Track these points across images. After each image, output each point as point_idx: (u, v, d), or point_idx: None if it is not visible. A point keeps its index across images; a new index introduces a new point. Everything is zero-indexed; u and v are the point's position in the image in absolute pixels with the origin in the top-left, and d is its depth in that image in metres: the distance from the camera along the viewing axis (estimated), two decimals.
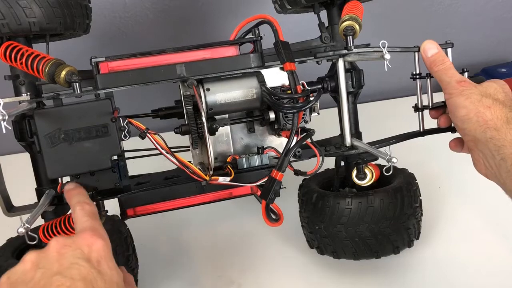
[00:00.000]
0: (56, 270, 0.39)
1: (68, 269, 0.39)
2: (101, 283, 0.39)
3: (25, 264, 0.41)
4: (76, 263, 0.40)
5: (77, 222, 0.47)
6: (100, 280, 0.40)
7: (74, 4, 0.60)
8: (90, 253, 0.42)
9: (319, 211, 0.66)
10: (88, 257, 0.41)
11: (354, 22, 0.59)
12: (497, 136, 0.51)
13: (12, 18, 0.54)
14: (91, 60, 0.56)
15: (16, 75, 0.59)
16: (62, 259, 0.40)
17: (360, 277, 0.67)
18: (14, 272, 0.41)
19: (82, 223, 0.46)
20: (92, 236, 0.43)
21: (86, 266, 0.40)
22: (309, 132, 0.59)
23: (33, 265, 0.40)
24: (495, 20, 1.24)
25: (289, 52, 0.57)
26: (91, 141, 0.55)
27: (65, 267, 0.39)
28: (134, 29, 1.13)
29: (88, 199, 0.52)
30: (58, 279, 0.38)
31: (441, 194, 0.83)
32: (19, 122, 0.58)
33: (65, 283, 0.38)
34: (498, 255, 0.69)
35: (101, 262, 0.41)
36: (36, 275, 0.39)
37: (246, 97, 0.57)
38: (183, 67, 0.57)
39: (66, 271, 0.39)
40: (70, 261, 0.40)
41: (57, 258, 0.40)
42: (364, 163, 0.66)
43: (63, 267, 0.39)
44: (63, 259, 0.40)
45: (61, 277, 0.38)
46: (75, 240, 0.42)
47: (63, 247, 0.41)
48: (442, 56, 0.59)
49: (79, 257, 0.41)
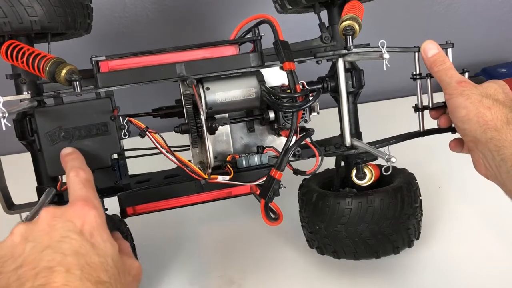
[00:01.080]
0: (46, 244, 0.37)
1: (59, 243, 0.37)
2: (95, 257, 0.37)
3: (14, 237, 0.38)
4: (67, 236, 0.38)
5: (70, 190, 0.44)
6: (93, 254, 0.37)
7: (76, 4, 0.60)
8: (82, 225, 0.39)
9: (319, 211, 0.66)
10: (80, 229, 0.39)
11: (354, 22, 0.59)
12: (497, 137, 0.51)
13: (13, 16, 0.55)
14: (92, 59, 0.56)
15: (18, 74, 0.60)
16: (52, 231, 0.38)
17: (360, 277, 0.67)
18: (2, 246, 0.38)
19: (75, 191, 0.43)
20: (84, 206, 0.41)
21: (78, 239, 0.38)
22: (309, 131, 0.59)
23: (22, 238, 0.38)
24: (495, 20, 1.24)
25: (289, 51, 0.57)
26: (91, 140, 0.55)
27: (56, 240, 0.37)
28: (134, 29, 1.14)
29: (85, 165, 0.48)
30: (49, 253, 0.36)
31: (441, 194, 0.83)
32: (20, 121, 0.58)
33: (55, 258, 0.36)
34: (498, 255, 0.69)
35: (94, 234, 0.39)
36: (25, 249, 0.37)
37: (246, 97, 0.57)
38: (183, 66, 0.57)
39: (57, 245, 0.37)
40: (61, 234, 0.38)
41: (47, 231, 0.38)
42: (363, 163, 0.66)
43: (53, 241, 0.37)
44: (54, 232, 0.38)
45: (52, 252, 0.36)
46: (66, 211, 0.40)
47: (53, 218, 0.39)
48: (442, 56, 0.59)
49: (70, 230, 0.38)
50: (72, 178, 0.45)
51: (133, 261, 0.42)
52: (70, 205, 0.42)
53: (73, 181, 0.45)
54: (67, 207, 0.41)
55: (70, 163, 0.49)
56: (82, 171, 0.46)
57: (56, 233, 0.38)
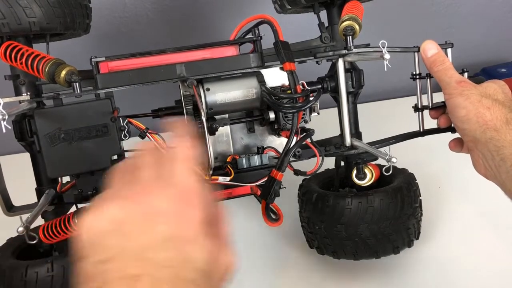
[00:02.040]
0: (141, 246, 0.31)
1: (152, 248, 0.32)
2: (187, 272, 0.32)
3: (104, 222, 0.32)
4: (167, 247, 0.32)
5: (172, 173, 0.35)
6: (185, 268, 0.32)
7: (74, 4, 0.60)
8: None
9: (319, 211, 0.66)
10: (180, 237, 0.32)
11: (354, 22, 0.59)
12: (497, 137, 0.51)
13: (12, 17, 0.54)
14: (91, 60, 0.56)
15: (16, 75, 0.59)
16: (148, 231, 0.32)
17: (360, 277, 0.67)
18: (92, 228, 0.32)
19: (182, 178, 0.35)
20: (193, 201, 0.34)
21: (171, 246, 0.32)
22: (309, 132, 0.59)
23: (115, 227, 0.32)
24: (495, 20, 1.24)
25: (289, 52, 0.57)
26: (91, 141, 0.55)
27: (152, 246, 0.32)
28: (134, 29, 1.13)
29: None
30: (135, 265, 0.31)
31: (441, 194, 0.83)
32: (19, 122, 0.58)
33: (145, 266, 0.31)
34: (498, 255, 0.69)
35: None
36: (115, 244, 0.32)
37: (246, 97, 0.57)
38: (183, 67, 0.57)
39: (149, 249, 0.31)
40: (161, 235, 0.32)
41: (145, 224, 0.32)
42: (363, 163, 0.66)
43: (150, 246, 0.32)
44: (150, 232, 0.32)
45: (139, 263, 0.31)
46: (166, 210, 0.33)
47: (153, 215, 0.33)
48: (442, 56, 0.59)
49: (170, 233, 0.32)
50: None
51: (225, 257, 0.36)
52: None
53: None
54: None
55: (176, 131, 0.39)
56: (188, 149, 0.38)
57: (154, 234, 0.32)
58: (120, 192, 0.35)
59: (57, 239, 0.59)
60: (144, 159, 0.37)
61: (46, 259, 0.57)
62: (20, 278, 0.55)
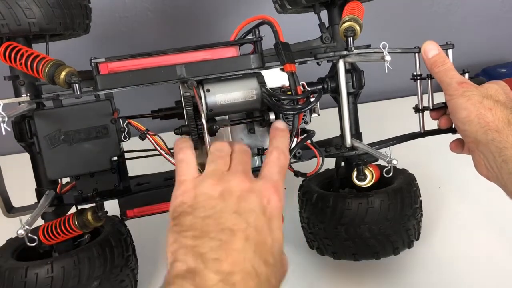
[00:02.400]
0: (235, 209, 0.40)
1: (246, 213, 0.40)
2: (269, 238, 0.40)
3: (213, 190, 0.41)
4: (254, 210, 0.40)
5: (266, 167, 0.45)
6: (268, 235, 0.40)
7: (74, 5, 0.60)
8: (266, 206, 0.41)
9: (319, 212, 0.66)
10: (264, 210, 0.41)
11: (354, 23, 0.59)
12: (499, 138, 0.51)
13: (11, 18, 0.54)
14: (91, 61, 0.56)
15: (16, 76, 0.59)
16: (243, 202, 0.41)
17: (360, 277, 0.67)
18: (202, 188, 0.41)
19: (271, 173, 0.44)
20: (274, 192, 0.42)
21: (261, 218, 0.40)
22: (310, 133, 0.59)
23: (219, 195, 0.41)
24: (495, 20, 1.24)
25: (289, 53, 0.57)
26: (91, 142, 0.55)
27: (244, 210, 0.40)
28: (134, 29, 1.13)
29: (287, 149, 0.48)
30: (235, 218, 0.39)
31: (441, 195, 0.83)
32: (19, 123, 0.58)
33: (240, 224, 0.39)
34: (498, 255, 0.69)
35: (272, 220, 0.41)
36: (217, 206, 0.40)
37: (246, 98, 0.57)
38: (183, 68, 0.57)
39: (244, 214, 0.40)
40: (250, 207, 0.40)
41: (240, 199, 0.41)
42: (364, 164, 0.66)
43: (242, 210, 0.40)
44: (244, 202, 0.41)
45: (238, 218, 0.39)
46: (260, 189, 0.42)
47: (248, 192, 0.41)
48: (442, 57, 0.59)
49: (258, 207, 0.41)
50: (273, 160, 0.46)
51: (286, 257, 0.43)
52: (263, 182, 0.43)
53: (273, 162, 0.46)
54: (260, 183, 0.43)
55: (278, 141, 0.48)
56: (284, 156, 0.47)
57: (245, 204, 0.41)
58: (221, 171, 0.44)
59: (57, 240, 0.59)
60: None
61: (46, 260, 0.57)
62: (20, 279, 0.55)
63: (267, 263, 0.38)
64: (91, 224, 0.59)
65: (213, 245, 0.37)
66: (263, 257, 0.38)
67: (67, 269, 0.56)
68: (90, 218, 0.59)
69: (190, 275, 0.36)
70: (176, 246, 0.38)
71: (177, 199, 0.42)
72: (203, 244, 0.37)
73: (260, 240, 0.39)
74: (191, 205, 0.41)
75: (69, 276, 0.56)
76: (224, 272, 0.36)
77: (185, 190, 0.42)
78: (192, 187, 0.42)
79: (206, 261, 0.36)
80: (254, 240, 0.38)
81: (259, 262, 0.37)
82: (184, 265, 0.37)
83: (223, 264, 0.36)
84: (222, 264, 0.36)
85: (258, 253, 0.38)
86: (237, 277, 0.36)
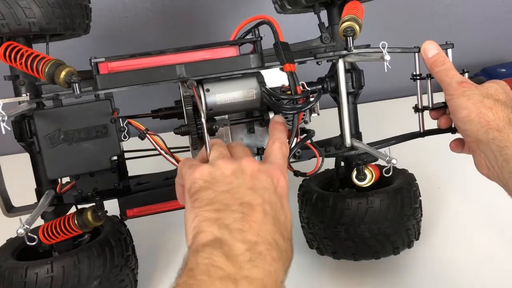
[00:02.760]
0: (250, 186, 0.42)
1: (260, 190, 0.42)
2: (282, 215, 0.42)
3: (226, 169, 0.43)
4: (267, 188, 0.42)
5: (271, 155, 0.48)
6: (281, 213, 0.42)
7: (74, 5, 0.60)
8: (276, 186, 0.43)
9: (319, 212, 0.66)
10: (275, 188, 0.43)
11: (354, 23, 0.59)
12: (500, 137, 0.51)
13: (12, 18, 0.54)
14: (91, 61, 0.56)
15: (16, 75, 0.59)
16: (255, 180, 0.42)
17: (360, 277, 0.67)
18: (216, 168, 0.43)
19: (276, 158, 0.47)
20: (281, 174, 0.44)
21: (274, 195, 0.42)
22: (310, 133, 0.59)
23: (232, 173, 0.43)
24: (495, 20, 1.24)
25: (289, 53, 0.57)
26: (91, 142, 0.55)
27: (258, 187, 0.42)
28: (134, 29, 1.13)
29: (287, 140, 0.52)
30: (251, 193, 0.41)
31: (441, 194, 0.83)
32: (19, 122, 0.58)
33: (257, 199, 0.40)
34: (498, 255, 0.69)
35: (283, 198, 0.43)
36: (233, 182, 0.42)
37: (246, 98, 0.57)
38: (183, 67, 0.57)
39: (259, 190, 0.41)
40: (263, 185, 0.42)
41: (251, 178, 0.43)
42: (364, 164, 0.66)
43: (257, 187, 0.42)
44: (257, 180, 0.43)
45: (254, 193, 0.41)
46: (269, 169, 0.44)
47: (258, 171, 0.43)
48: (442, 57, 0.59)
49: (270, 185, 0.43)
50: (276, 147, 0.48)
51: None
52: (270, 164, 0.45)
53: (276, 149, 0.48)
54: (268, 165, 0.45)
55: (278, 133, 0.51)
56: (285, 146, 0.49)
57: (258, 182, 0.43)
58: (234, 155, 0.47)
59: (57, 239, 0.59)
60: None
61: (46, 260, 0.57)
62: (20, 279, 0.55)
63: (284, 238, 0.40)
64: (91, 223, 0.59)
65: (236, 217, 0.39)
66: (280, 231, 0.40)
67: (67, 268, 0.56)
68: (90, 217, 0.59)
69: (218, 244, 0.37)
70: (198, 220, 0.40)
71: (193, 176, 0.43)
72: (226, 216, 0.39)
73: (276, 216, 0.41)
74: (209, 180, 0.42)
75: (69, 275, 0.56)
76: (250, 241, 0.37)
77: (200, 170, 0.43)
78: (206, 167, 0.44)
79: (232, 231, 0.38)
80: (272, 215, 0.40)
81: (278, 235, 0.39)
82: (210, 235, 0.38)
83: (247, 235, 0.38)
84: (247, 234, 0.37)
85: (276, 227, 0.40)
86: (261, 247, 0.37)
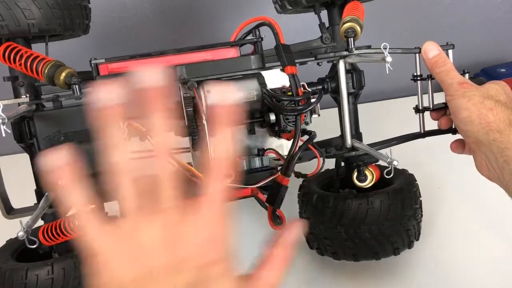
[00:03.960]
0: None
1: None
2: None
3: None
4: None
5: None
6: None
7: (73, 5, 0.60)
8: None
9: (319, 212, 0.66)
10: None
11: (355, 24, 0.59)
12: (500, 138, 0.51)
13: (11, 19, 0.54)
14: (91, 62, 0.56)
15: (15, 77, 0.59)
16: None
17: (360, 278, 0.67)
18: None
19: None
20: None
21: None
22: (312, 135, 0.59)
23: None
24: (495, 20, 1.23)
25: (290, 55, 0.57)
26: (91, 144, 0.54)
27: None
28: (134, 29, 1.13)
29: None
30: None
31: (441, 195, 0.83)
32: (18, 124, 0.57)
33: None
34: (498, 255, 0.69)
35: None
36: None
37: (247, 99, 0.57)
38: (183, 68, 0.57)
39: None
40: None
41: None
42: (364, 165, 0.66)
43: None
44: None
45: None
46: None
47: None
48: (443, 57, 0.58)
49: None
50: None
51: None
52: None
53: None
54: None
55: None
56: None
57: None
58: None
59: (57, 241, 0.59)
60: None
61: (46, 261, 0.56)
62: (21, 281, 0.55)
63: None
64: None
65: None
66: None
67: (67, 270, 0.55)
68: None
69: None
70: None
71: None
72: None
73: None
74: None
75: (70, 277, 0.55)
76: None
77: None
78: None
79: None
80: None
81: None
82: None
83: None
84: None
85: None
86: None
